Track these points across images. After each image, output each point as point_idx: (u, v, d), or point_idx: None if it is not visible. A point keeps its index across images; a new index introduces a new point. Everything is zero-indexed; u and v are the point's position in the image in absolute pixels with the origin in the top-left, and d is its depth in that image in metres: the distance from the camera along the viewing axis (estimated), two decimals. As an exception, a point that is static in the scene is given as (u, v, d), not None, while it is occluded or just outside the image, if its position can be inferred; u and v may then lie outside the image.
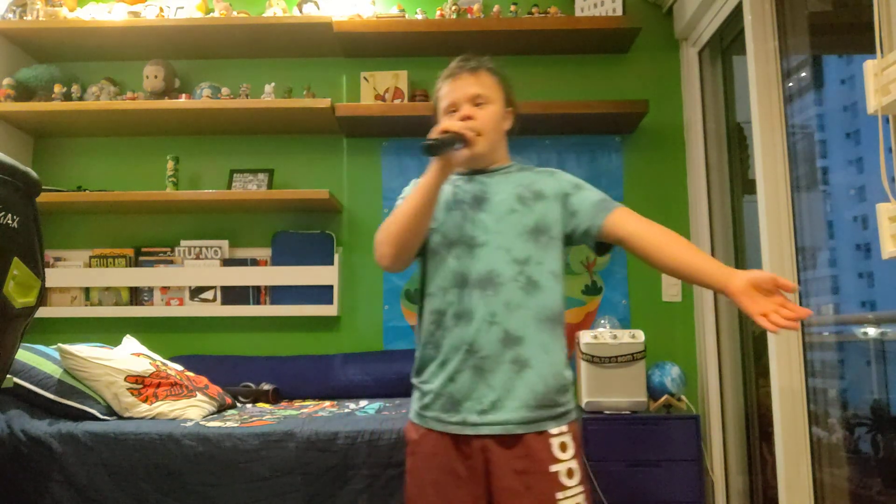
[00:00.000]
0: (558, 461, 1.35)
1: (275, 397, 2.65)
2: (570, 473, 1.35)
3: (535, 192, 1.49)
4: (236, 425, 2.02)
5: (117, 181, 3.07)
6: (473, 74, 1.52)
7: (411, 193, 1.41)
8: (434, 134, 1.36)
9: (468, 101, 1.49)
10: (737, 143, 2.84)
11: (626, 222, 1.45)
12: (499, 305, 1.39)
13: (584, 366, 2.56)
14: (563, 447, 1.37)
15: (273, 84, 2.94)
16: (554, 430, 1.37)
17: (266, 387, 2.65)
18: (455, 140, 1.38)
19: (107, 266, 2.98)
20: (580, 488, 1.36)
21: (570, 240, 1.50)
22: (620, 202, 1.55)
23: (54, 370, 2.16)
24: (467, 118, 1.46)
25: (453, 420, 1.38)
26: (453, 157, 1.39)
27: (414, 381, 1.49)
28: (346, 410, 2.35)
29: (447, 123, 1.39)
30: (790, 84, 2.28)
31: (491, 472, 1.36)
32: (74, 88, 2.96)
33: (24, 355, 2.16)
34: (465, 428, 1.37)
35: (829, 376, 2.19)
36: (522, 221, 1.45)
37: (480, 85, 1.51)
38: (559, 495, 1.33)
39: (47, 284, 1.72)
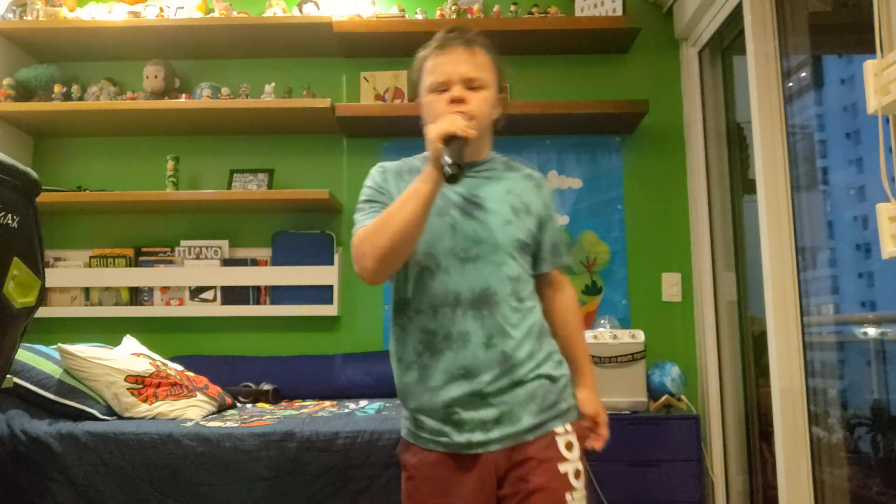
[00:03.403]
0: (566, 460, 1.31)
1: (275, 397, 2.65)
2: (577, 474, 1.31)
3: (525, 204, 1.40)
4: (236, 425, 2.02)
5: (117, 181, 3.07)
6: (468, 50, 1.35)
7: (403, 202, 1.24)
8: (448, 153, 1.20)
9: (462, 82, 1.33)
10: (737, 143, 2.84)
11: (554, 292, 1.51)
12: (495, 327, 1.31)
13: (584, 366, 2.56)
14: (569, 446, 1.33)
15: (273, 84, 2.94)
16: (559, 429, 1.33)
17: (266, 387, 2.65)
18: (464, 146, 1.23)
19: (107, 266, 2.97)
20: (584, 491, 1.32)
21: None
22: (620, 203, 1.55)
23: (54, 370, 2.16)
24: (459, 101, 1.31)
25: (457, 441, 1.29)
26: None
27: (402, 403, 1.39)
28: (346, 410, 2.35)
29: (448, 125, 1.22)
30: (790, 84, 2.28)
31: (500, 479, 1.30)
32: (74, 88, 2.96)
33: (24, 355, 2.16)
34: (471, 447, 1.29)
35: (829, 376, 2.19)
36: (516, 235, 1.36)
37: (476, 65, 1.35)
38: (568, 497, 1.28)
39: (47, 284, 1.72)
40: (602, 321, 2.87)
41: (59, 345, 2.18)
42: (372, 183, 1.42)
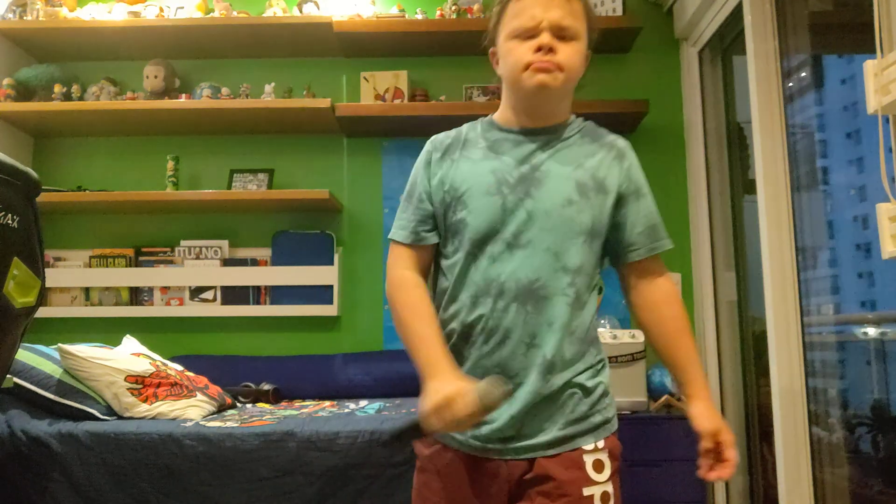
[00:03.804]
0: (593, 483, 1.15)
1: (275, 397, 2.65)
2: (604, 497, 1.16)
3: (598, 181, 1.21)
4: (236, 425, 2.02)
5: (117, 181, 3.07)
6: None
7: (408, 339, 1.17)
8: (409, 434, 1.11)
9: (552, 29, 1.15)
10: (737, 143, 2.84)
11: (648, 283, 1.29)
12: (542, 325, 1.15)
13: (584, 366, 2.56)
14: (599, 466, 1.16)
15: (273, 84, 2.94)
16: (588, 447, 1.17)
17: (266, 387, 2.65)
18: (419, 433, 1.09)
19: (107, 266, 2.97)
20: None
21: None
22: None
23: (54, 370, 2.16)
24: (549, 50, 1.15)
25: (472, 443, 1.18)
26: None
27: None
28: (346, 410, 2.35)
29: (443, 417, 1.04)
30: (790, 84, 2.28)
31: (515, 496, 1.17)
32: (74, 88, 2.96)
33: (24, 355, 2.16)
34: (487, 452, 1.17)
35: (829, 376, 2.19)
36: (579, 219, 1.18)
37: (571, 11, 1.17)
38: None
39: (47, 284, 1.72)
40: (602, 321, 2.86)
41: (59, 345, 2.18)
42: (415, 169, 1.27)
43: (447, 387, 1.04)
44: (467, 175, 1.20)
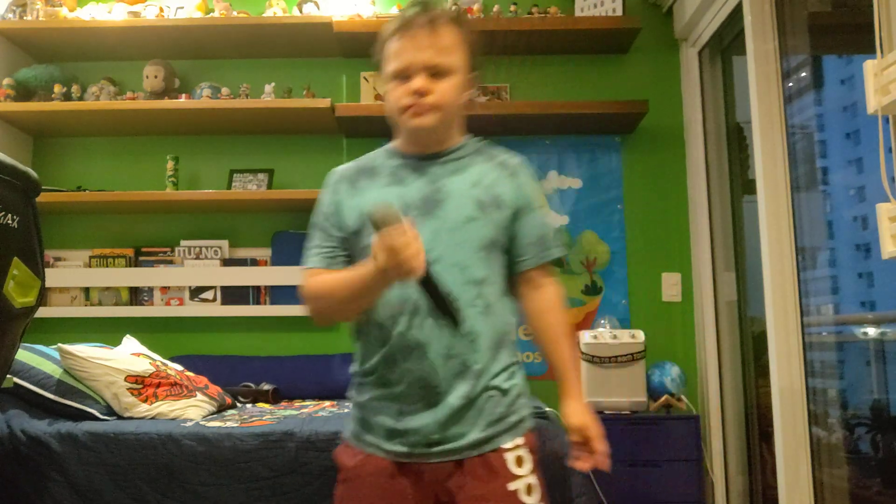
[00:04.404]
0: (516, 477, 1.22)
1: (275, 397, 2.65)
2: (529, 490, 1.22)
3: (494, 196, 1.28)
4: (236, 425, 2.02)
5: (117, 181, 3.07)
6: (432, 32, 1.21)
7: (349, 287, 1.18)
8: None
9: (424, 70, 1.21)
10: (737, 143, 2.84)
11: (533, 290, 1.32)
12: (456, 336, 1.20)
13: (584, 366, 2.56)
14: (520, 461, 1.23)
15: (273, 84, 2.94)
16: (508, 445, 1.23)
17: (266, 387, 2.65)
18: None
19: (107, 266, 2.97)
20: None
21: None
22: (620, 203, 1.48)
23: (54, 370, 2.16)
24: (420, 93, 1.21)
25: (398, 450, 1.22)
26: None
27: (353, 399, 1.31)
28: (346, 410, 2.34)
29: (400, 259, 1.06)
30: (790, 84, 2.28)
31: (441, 494, 1.22)
32: (74, 88, 2.96)
33: (24, 355, 2.16)
34: (412, 457, 1.22)
35: (829, 376, 2.19)
36: (480, 234, 1.25)
37: (440, 49, 1.21)
38: None
39: (47, 284, 1.72)
40: (602, 321, 2.87)
41: (59, 345, 2.18)
42: (325, 198, 1.33)
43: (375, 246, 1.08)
44: (375, 201, 1.21)
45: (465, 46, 1.26)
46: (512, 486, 1.22)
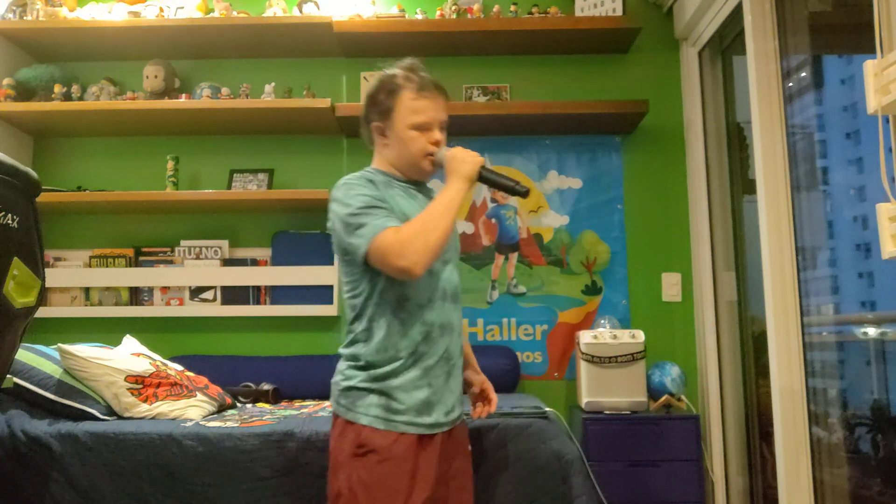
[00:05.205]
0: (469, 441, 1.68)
1: (275, 397, 2.65)
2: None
3: None
4: (236, 425, 2.02)
5: (117, 181, 3.07)
6: (443, 97, 1.62)
7: (446, 207, 1.47)
8: (507, 178, 1.57)
9: (440, 126, 1.59)
10: (737, 143, 2.84)
11: None
12: (460, 318, 1.61)
13: (584, 366, 2.56)
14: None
15: (273, 84, 2.94)
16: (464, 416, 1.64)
17: (266, 387, 2.65)
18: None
19: (107, 266, 2.97)
20: None
21: None
22: (620, 203, 1.63)
23: (54, 370, 2.16)
24: (437, 144, 1.58)
25: (426, 422, 1.49)
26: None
27: (373, 385, 1.49)
28: (346, 410, 2.34)
29: (476, 158, 1.55)
30: (790, 84, 2.28)
31: (444, 459, 1.52)
32: (74, 88, 2.96)
33: (24, 355, 2.16)
34: (434, 428, 1.50)
35: (829, 376, 2.19)
36: (456, 243, 1.68)
37: (446, 111, 1.62)
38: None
39: (47, 284, 1.72)
40: (602, 321, 2.87)
41: (59, 345, 2.18)
42: (366, 191, 1.52)
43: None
44: (405, 207, 1.54)
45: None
46: (469, 446, 1.67)
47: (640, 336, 2.57)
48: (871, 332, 2.19)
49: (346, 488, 1.45)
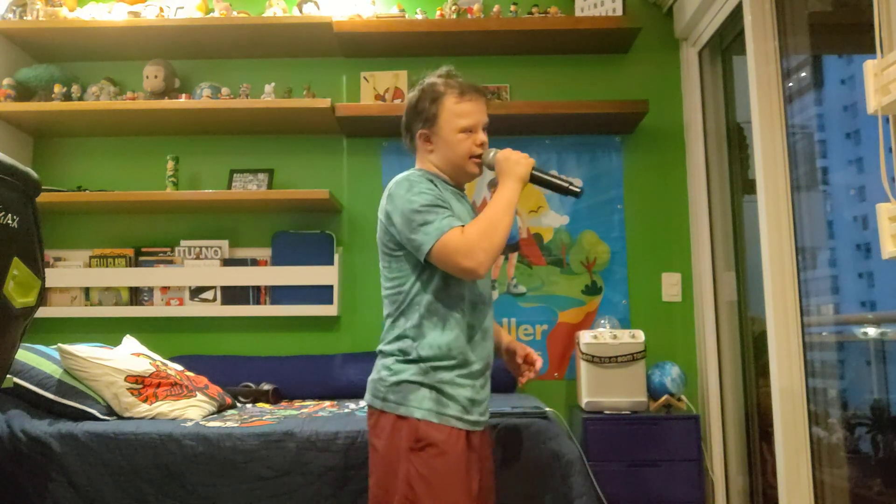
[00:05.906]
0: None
1: (275, 397, 2.65)
2: None
3: None
4: (236, 425, 2.02)
5: (117, 181, 3.07)
6: (484, 100, 1.65)
7: (505, 208, 1.52)
8: (560, 177, 1.64)
9: (483, 127, 1.63)
10: (737, 143, 2.84)
11: None
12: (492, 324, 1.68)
13: (584, 366, 2.56)
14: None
15: (273, 84, 2.94)
16: None
17: (266, 387, 2.65)
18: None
19: (107, 266, 2.97)
20: None
21: None
22: (620, 203, 1.65)
23: (54, 370, 2.16)
24: (483, 146, 1.63)
25: (471, 419, 1.54)
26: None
27: (425, 379, 1.51)
28: (346, 410, 2.35)
29: (527, 160, 1.61)
30: (790, 84, 2.28)
31: (482, 458, 1.59)
32: (74, 88, 2.96)
33: (24, 355, 2.16)
34: (476, 426, 1.56)
35: (829, 376, 2.19)
36: None
37: (486, 112, 1.66)
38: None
39: (47, 284, 1.72)
40: (602, 321, 2.87)
41: (59, 345, 2.18)
42: (428, 190, 1.55)
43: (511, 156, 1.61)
44: (460, 212, 1.58)
45: None
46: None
47: (640, 336, 2.57)
48: (871, 332, 2.19)
49: (405, 484, 1.45)
